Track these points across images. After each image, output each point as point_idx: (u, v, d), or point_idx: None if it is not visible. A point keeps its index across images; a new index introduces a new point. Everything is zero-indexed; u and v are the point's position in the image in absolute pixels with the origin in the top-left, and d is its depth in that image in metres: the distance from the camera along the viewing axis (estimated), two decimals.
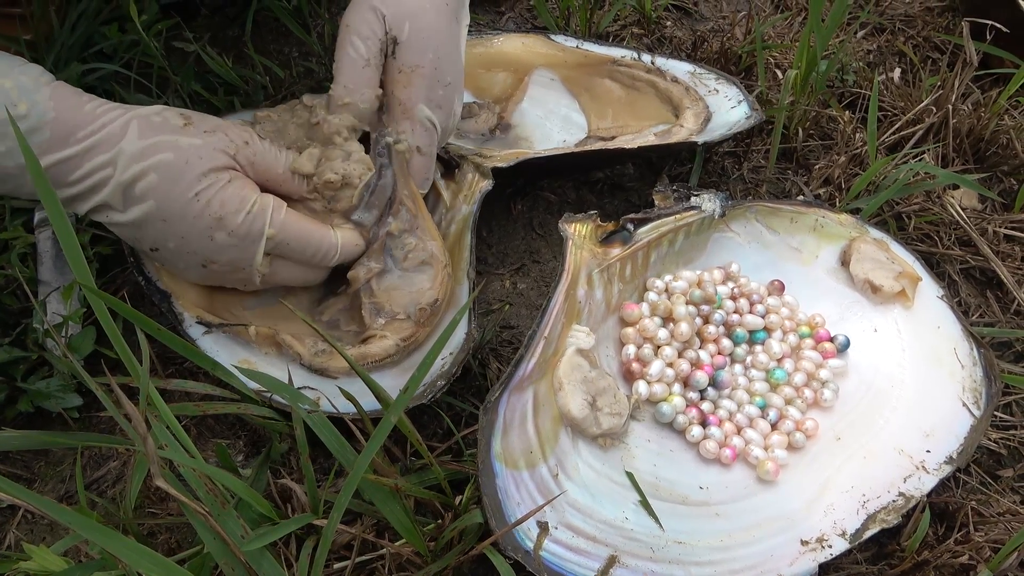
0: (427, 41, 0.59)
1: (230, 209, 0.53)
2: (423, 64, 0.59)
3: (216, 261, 0.55)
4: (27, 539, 0.52)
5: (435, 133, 0.61)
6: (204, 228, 0.53)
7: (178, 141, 0.53)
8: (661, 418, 0.58)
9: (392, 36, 0.59)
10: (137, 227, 0.53)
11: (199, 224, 0.53)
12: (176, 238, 0.53)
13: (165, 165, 0.52)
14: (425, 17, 0.59)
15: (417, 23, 0.59)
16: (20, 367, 0.57)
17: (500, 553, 0.46)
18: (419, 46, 0.59)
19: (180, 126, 0.54)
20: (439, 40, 0.60)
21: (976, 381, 0.60)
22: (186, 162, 0.52)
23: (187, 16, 0.88)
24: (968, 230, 0.75)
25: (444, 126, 0.62)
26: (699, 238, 0.67)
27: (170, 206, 0.52)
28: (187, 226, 0.53)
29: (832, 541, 0.51)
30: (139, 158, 0.51)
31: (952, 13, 1.04)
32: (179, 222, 0.53)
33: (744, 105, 0.75)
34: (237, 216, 0.53)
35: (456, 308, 0.61)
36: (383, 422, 0.42)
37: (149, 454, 0.37)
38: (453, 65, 0.61)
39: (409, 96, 0.60)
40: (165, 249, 0.54)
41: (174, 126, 0.53)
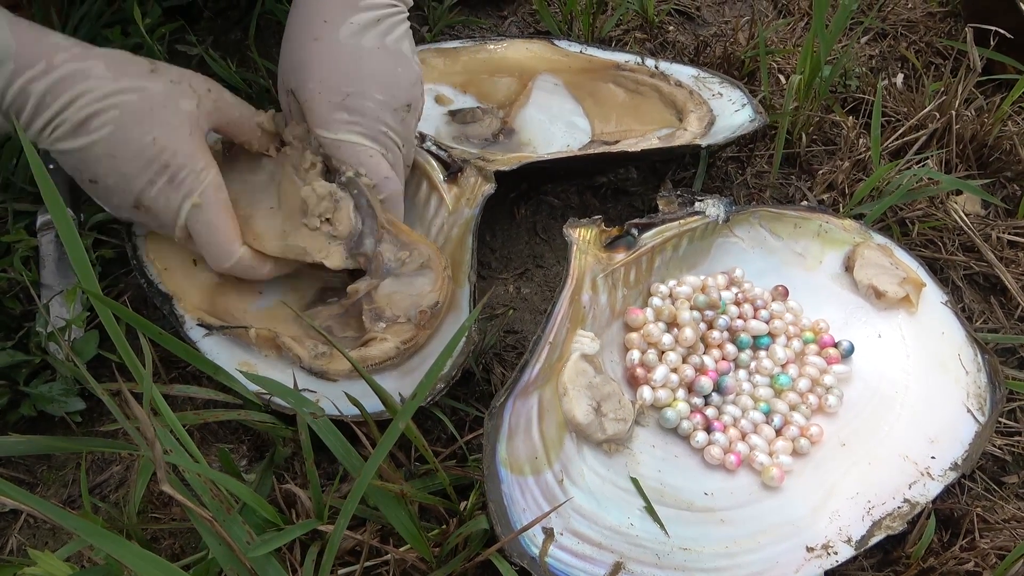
0: (306, 74, 0.59)
1: (179, 160, 0.55)
2: (307, 97, 0.60)
3: (146, 207, 0.56)
4: (30, 544, 0.52)
5: (354, 144, 0.60)
6: (149, 171, 0.55)
7: (145, 85, 0.54)
8: (666, 424, 0.58)
9: (288, 91, 0.61)
10: (82, 156, 0.54)
11: (146, 167, 0.54)
12: (118, 174, 0.54)
13: (129, 103, 0.53)
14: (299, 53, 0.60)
15: (294, 65, 0.60)
16: (23, 371, 0.56)
17: (506, 559, 0.46)
18: (301, 83, 0.60)
19: (148, 71, 0.55)
20: (317, 64, 0.60)
21: (980, 387, 0.60)
22: (150, 107, 0.54)
23: (190, 19, 0.88)
24: (972, 236, 0.75)
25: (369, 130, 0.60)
26: (703, 243, 0.67)
27: (125, 144, 0.54)
28: (134, 166, 0.54)
29: (837, 548, 0.51)
30: (105, 96, 0.53)
31: (955, 19, 1.04)
32: (127, 161, 0.54)
33: (748, 108, 0.75)
34: (182, 170, 0.55)
35: (457, 311, 0.60)
36: (391, 428, 0.42)
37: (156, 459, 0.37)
38: (347, 75, 0.60)
39: (310, 128, 0.61)
40: (103, 184, 0.55)
41: (141, 70, 0.55)
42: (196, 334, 0.58)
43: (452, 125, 0.76)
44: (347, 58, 0.60)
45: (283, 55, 0.62)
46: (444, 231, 0.66)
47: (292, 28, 0.61)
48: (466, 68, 0.81)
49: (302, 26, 0.60)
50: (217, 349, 0.58)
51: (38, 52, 0.52)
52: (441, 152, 0.68)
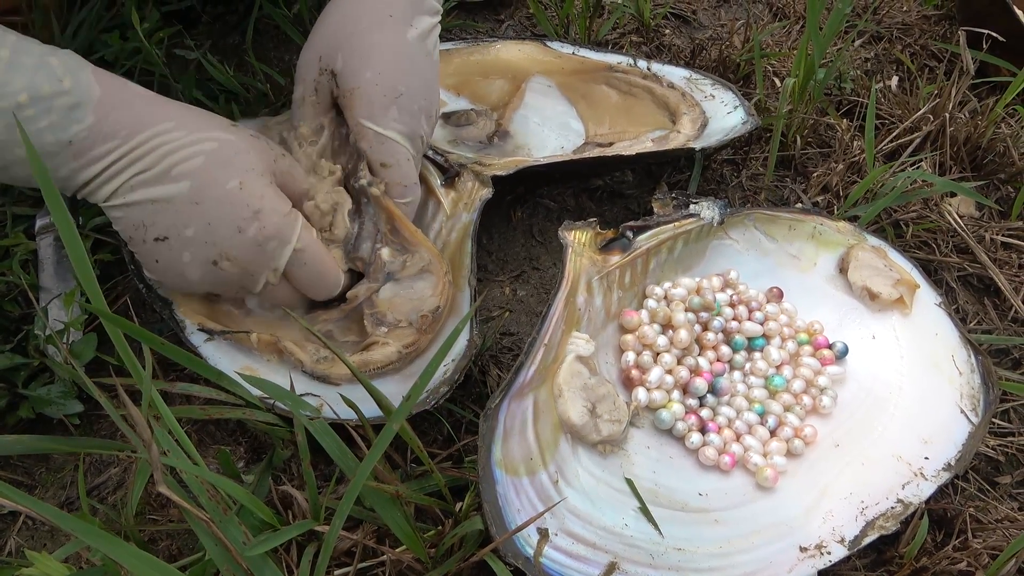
0: (362, 62, 0.60)
1: (269, 206, 0.53)
2: (360, 84, 0.59)
3: (232, 258, 0.53)
4: (28, 545, 0.52)
5: (396, 143, 0.60)
6: (237, 218, 0.52)
7: (226, 136, 0.54)
8: (660, 425, 0.59)
9: (329, 71, 0.61)
10: (158, 208, 0.52)
11: (234, 212, 0.52)
12: (201, 224, 0.52)
13: (214, 150, 0.53)
14: (359, 40, 0.60)
15: (349, 49, 0.60)
16: (21, 373, 0.57)
17: (500, 560, 0.46)
18: (353, 69, 0.60)
19: (228, 124, 0.56)
20: (379, 57, 0.60)
21: (974, 388, 0.60)
22: (235, 152, 0.53)
23: (188, 23, 0.88)
24: (965, 237, 0.75)
25: (411, 133, 0.61)
26: (698, 245, 0.67)
27: (210, 189, 0.52)
28: (220, 212, 0.52)
29: (831, 548, 0.51)
30: (186, 143, 0.52)
31: (949, 22, 1.04)
32: (213, 206, 0.52)
33: (740, 110, 0.76)
34: (274, 215, 0.54)
35: (457, 315, 0.61)
36: (385, 430, 0.43)
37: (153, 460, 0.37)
38: (405, 75, 0.60)
39: (355, 117, 0.60)
40: (178, 238, 0.52)
41: (222, 123, 0.55)
42: (197, 339, 0.58)
43: (446, 128, 0.76)
44: (407, 58, 0.61)
45: (326, 32, 0.61)
46: (442, 235, 0.66)
47: (347, 10, 0.61)
48: (459, 70, 0.81)
49: (362, 11, 0.60)
50: (218, 354, 0.58)
51: (120, 99, 0.51)
52: (438, 157, 0.68)
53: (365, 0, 0.61)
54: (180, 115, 0.53)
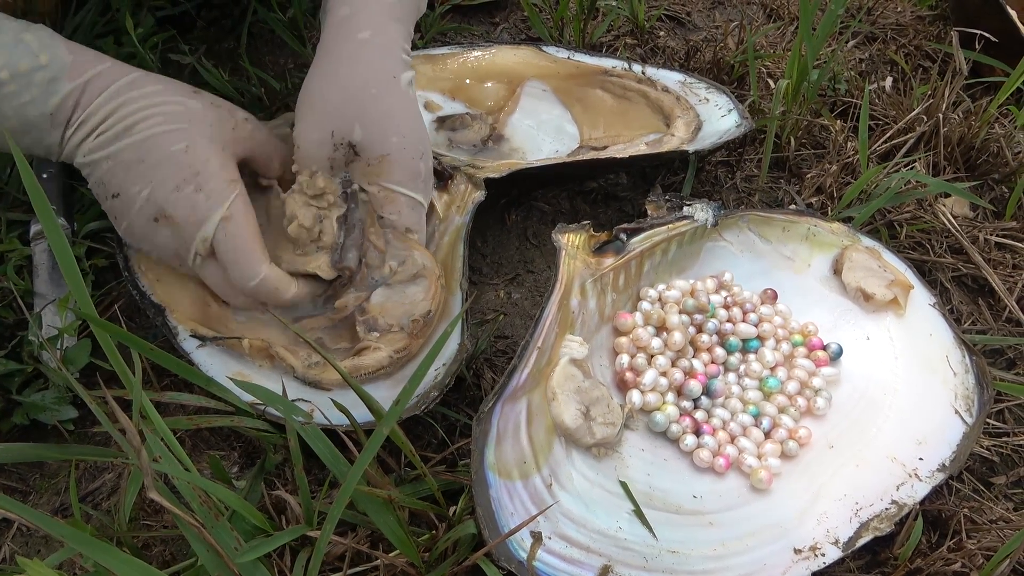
0: (387, 129, 0.59)
1: (210, 169, 0.55)
2: (389, 151, 0.59)
3: (168, 216, 0.55)
4: (22, 552, 0.52)
5: (421, 206, 0.61)
6: (178, 177, 0.54)
7: (186, 101, 0.57)
8: (655, 427, 0.59)
9: (346, 143, 0.60)
10: (112, 164, 0.55)
11: (176, 173, 0.54)
12: (144, 181, 0.55)
13: (169, 112, 0.55)
14: (376, 107, 0.59)
15: (369, 118, 0.59)
16: (15, 379, 0.57)
17: (494, 564, 0.46)
18: (379, 137, 0.59)
19: (191, 91, 0.58)
20: (396, 120, 0.60)
21: (968, 388, 0.60)
22: (188, 119, 0.56)
23: (183, 28, 0.88)
24: (959, 238, 0.75)
25: (428, 194, 0.63)
26: (692, 247, 0.67)
27: (158, 149, 0.54)
28: (163, 172, 0.54)
29: (825, 549, 0.51)
30: (145, 106, 0.55)
31: (943, 22, 1.04)
32: (158, 166, 0.54)
33: (734, 113, 0.76)
34: (212, 179, 0.55)
35: (450, 319, 0.61)
36: (375, 434, 0.43)
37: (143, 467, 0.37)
38: (415, 132, 0.61)
39: (385, 183, 0.60)
40: (127, 195, 0.55)
41: (186, 90, 0.58)
42: (189, 345, 0.58)
43: (441, 132, 0.76)
44: (416, 116, 0.61)
45: (335, 107, 0.59)
46: (435, 239, 0.66)
47: (350, 78, 0.59)
48: (455, 74, 0.81)
49: (369, 79, 0.59)
50: (210, 361, 0.58)
51: (91, 68, 0.55)
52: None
53: (361, 64, 0.60)
54: (144, 81, 0.56)
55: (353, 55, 0.60)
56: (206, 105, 0.58)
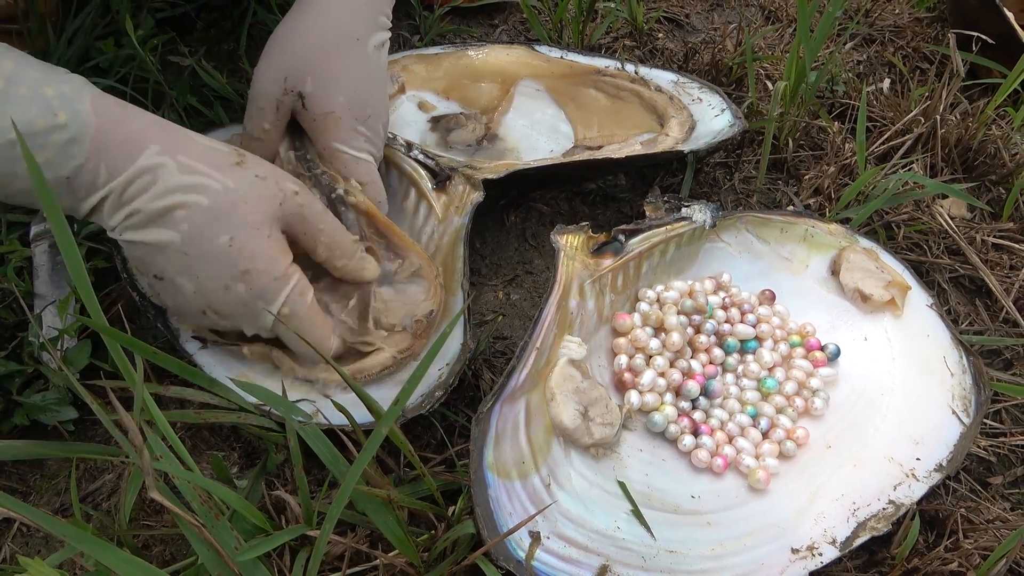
0: (335, 88, 0.60)
1: (260, 266, 0.51)
2: (334, 109, 0.60)
3: (219, 312, 0.53)
4: (23, 552, 0.52)
5: (369, 162, 0.62)
6: (225, 276, 0.51)
7: (226, 180, 0.51)
8: (653, 427, 0.59)
9: (296, 92, 0.60)
10: (152, 251, 0.51)
11: (221, 270, 0.51)
12: (190, 275, 0.51)
13: (208, 199, 0.50)
14: (328, 64, 0.60)
15: (320, 74, 0.60)
16: (15, 380, 0.57)
17: (492, 563, 0.46)
18: (326, 94, 0.60)
19: (233, 163, 0.52)
20: (348, 80, 0.61)
21: (965, 389, 0.60)
22: (231, 203, 0.50)
23: (183, 30, 0.89)
24: (957, 239, 0.76)
25: (376, 152, 0.63)
26: (690, 248, 0.67)
27: (200, 243, 0.50)
28: (208, 268, 0.51)
29: (822, 549, 0.52)
30: (184, 188, 0.50)
31: (941, 23, 1.05)
32: (202, 261, 0.50)
33: (727, 113, 0.76)
34: (263, 276, 0.51)
35: (451, 319, 0.61)
36: (374, 434, 0.43)
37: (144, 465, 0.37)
38: (371, 94, 0.62)
39: (328, 141, 0.61)
40: (170, 282, 0.51)
41: (227, 161, 0.52)
42: (192, 347, 0.58)
43: (436, 131, 0.77)
44: (372, 79, 0.62)
45: (290, 54, 0.61)
46: (435, 239, 0.66)
47: (311, 30, 0.61)
48: (448, 74, 0.82)
49: (328, 34, 0.61)
50: (213, 362, 0.58)
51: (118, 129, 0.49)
52: (429, 160, 0.68)
53: (329, 19, 0.61)
54: (180, 147, 0.51)
55: (324, 9, 0.61)
56: (250, 181, 0.52)
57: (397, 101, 0.79)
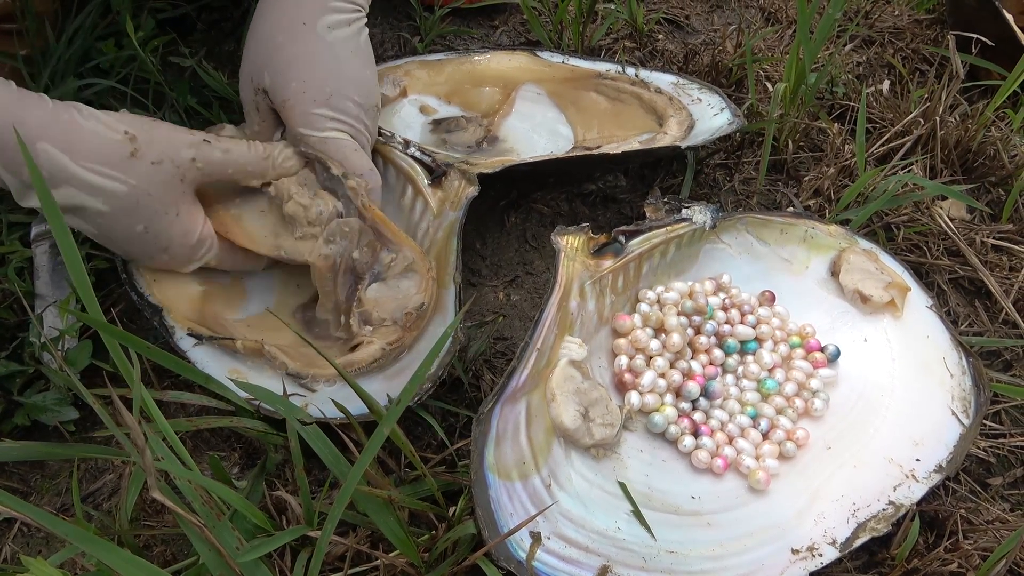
0: (286, 76, 0.61)
1: (176, 241, 0.58)
2: (288, 97, 0.61)
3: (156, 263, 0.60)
4: (23, 552, 0.52)
5: (339, 140, 0.62)
6: (149, 251, 0.58)
7: (127, 179, 0.54)
8: (653, 428, 0.59)
9: (261, 89, 0.62)
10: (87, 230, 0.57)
11: (145, 248, 0.58)
12: (120, 249, 0.59)
13: (112, 203, 0.54)
14: (279, 55, 0.61)
15: (273, 67, 0.61)
16: (16, 381, 0.57)
17: (493, 564, 0.47)
18: (280, 84, 0.61)
19: (127, 155, 0.54)
20: (299, 67, 0.61)
21: (965, 390, 0.60)
22: (136, 200, 0.55)
23: (183, 31, 0.89)
24: (956, 240, 0.76)
25: (349, 127, 0.63)
26: (690, 249, 0.67)
27: (115, 233, 0.56)
28: (132, 246, 0.58)
29: (822, 550, 0.52)
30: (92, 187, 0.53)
31: (940, 25, 1.05)
32: (124, 242, 0.57)
33: (726, 112, 0.76)
34: (181, 248, 0.59)
35: (442, 312, 0.61)
36: (375, 434, 0.43)
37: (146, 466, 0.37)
38: (327, 74, 0.62)
39: (291, 129, 0.62)
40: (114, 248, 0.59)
41: (121, 155, 0.54)
42: (186, 344, 0.58)
43: (436, 134, 0.77)
44: (327, 59, 0.62)
45: (251, 54, 0.63)
46: (429, 234, 0.66)
47: (263, 28, 0.62)
48: (450, 79, 0.82)
49: (277, 26, 0.62)
50: (207, 358, 0.58)
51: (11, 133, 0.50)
52: (425, 157, 0.68)
53: (279, 12, 0.62)
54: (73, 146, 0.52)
55: (271, 3, 0.63)
56: (147, 171, 0.55)
57: (399, 105, 0.79)
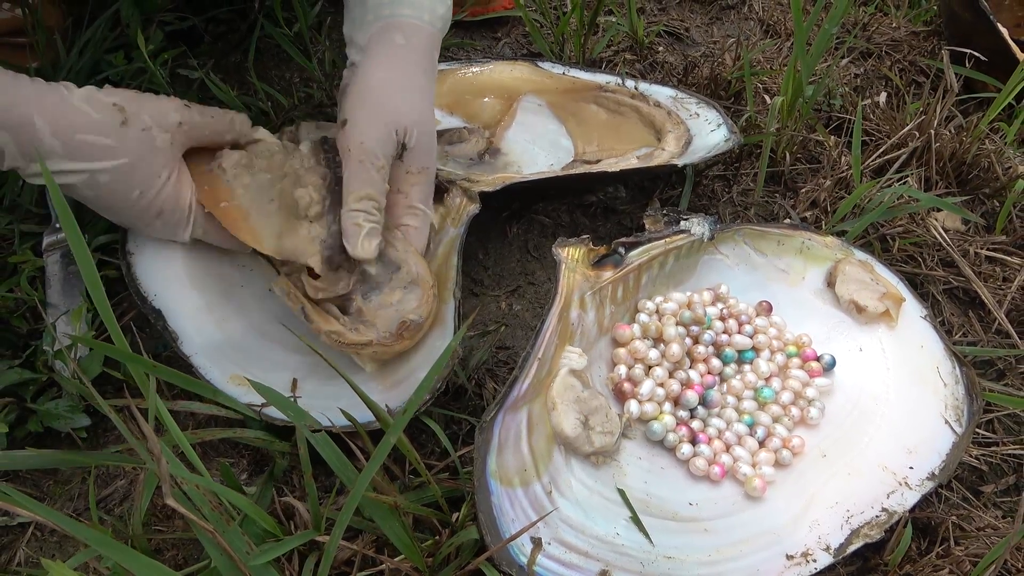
0: (430, 145, 0.64)
1: (168, 206, 0.60)
2: (429, 166, 0.64)
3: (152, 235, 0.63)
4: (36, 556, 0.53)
5: (429, 218, 0.65)
6: (144, 218, 0.60)
7: (119, 146, 0.57)
8: (652, 436, 0.60)
9: (402, 143, 0.62)
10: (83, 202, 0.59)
11: (140, 215, 0.60)
12: (117, 218, 0.61)
13: (109, 173, 0.57)
14: (428, 123, 0.64)
15: (423, 129, 0.63)
16: (30, 388, 0.58)
17: (495, 568, 0.48)
18: (425, 150, 0.63)
19: (118, 125, 0.57)
20: (435, 142, 0.65)
21: (958, 399, 0.61)
22: (131, 166, 0.58)
23: (191, 42, 0.90)
24: (951, 252, 0.77)
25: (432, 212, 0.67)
26: (689, 260, 0.69)
27: (113, 201, 0.58)
28: (128, 214, 0.60)
29: (816, 555, 0.53)
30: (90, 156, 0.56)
31: (938, 37, 1.06)
32: (121, 211, 0.59)
33: (723, 128, 0.78)
34: (173, 214, 0.61)
35: (442, 326, 0.62)
36: (382, 442, 0.44)
37: (161, 473, 0.38)
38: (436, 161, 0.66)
39: (416, 195, 0.64)
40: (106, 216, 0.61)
41: (112, 125, 0.57)
42: (189, 349, 0.60)
43: (438, 145, 0.78)
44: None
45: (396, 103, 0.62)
46: (431, 250, 0.68)
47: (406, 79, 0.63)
48: (452, 90, 0.83)
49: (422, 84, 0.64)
50: (209, 364, 0.60)
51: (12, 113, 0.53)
52: None
53: (422, 73, 0.64)
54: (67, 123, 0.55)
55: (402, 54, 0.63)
56: (138, 139, 0.58)
57: None
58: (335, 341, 0.58)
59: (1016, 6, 1.05)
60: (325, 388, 0.59)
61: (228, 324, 0.63)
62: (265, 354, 0.62)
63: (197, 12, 0.91)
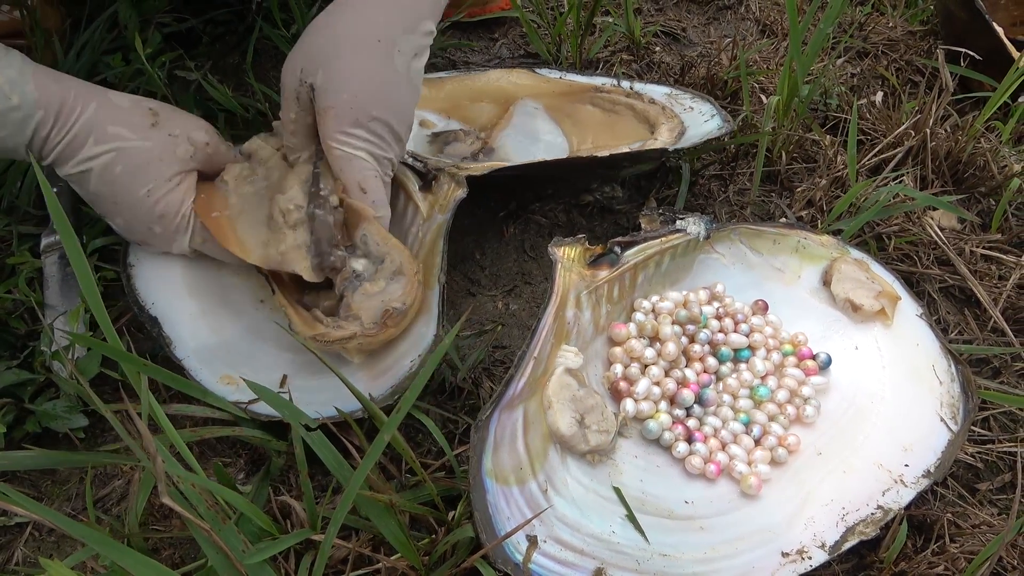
0: (341, 84, 0.61)
1: (171, 210, 0.62)
2: (335, 105, 0.61)
3: (149, 241, 0.64)
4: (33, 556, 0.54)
5: (364, 162, 0.62)
6: (146, 220, 0.62)
7: (145, 142, 0.61)
8: (648, 435, 0.60)
9: (308, 84, 0.62)
10: (92, 198, 0.62)
11: (143, 214, 0.62)
12: (122, 218, 0.62)
13: (128, 158, 0.60)
14: (341, 62, 0.61)
15: (331, 70, 0.61)
16: (28, 389, 0.59)
17: (491, 566, 0.48)
18: (331, 89, 0.61)
19: (149, 124, 0.61)
20: (358, 81, 0.61)
21: (954, 397, 0.62)
22: (147, 160, 0.61)
23: (189, 43, 0.90)
24: (946, 250, 0.77)
25: (378, 154, 0.63)
26: (685, 260, 0.69)
27: (125, 193, 0.61)
28: (133, 212, 0.62)
29: (812, 553, 0.53)
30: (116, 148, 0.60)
31: (934, 36, 1.07)
32: (128, 207, 0.61)
33: (717, 118, 0.78)
34: (173, 218, 0.62)
35: (427, 313, 0.62)
36: (377, 440, 0.44)
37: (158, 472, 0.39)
38: (381, 98, 0.62)
39: (324, 134, 0.62)
40: (111, 221, 0.64)
41: (144, 122, 0.61)
42: (181, 352, 0.60)
43: (433, 146, 0.78)
44: (387, 84, 0.62)
45: (311, 47, 0.62)
46: (419, 238, 0.68)
47: (336, 25, 0.62)
48: (450, 95, 0.84)
49: (350, 31, 0.62)
50: (200, 365, 0.60)
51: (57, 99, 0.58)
52: (416, 163, 0.70)
53: (356, 19, 0.62)
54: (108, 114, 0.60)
55: (356, 7, 0.63)
56: (163, 140, 0.62)
57: None
58: (321, 342, 0.59)
59: (1012, 6, 1.05)
60: (312, 382, 0.60)
61: (222, 328, 0.64)
62: (256, 354, 0.62)
63: (195, 14, 0.91)
